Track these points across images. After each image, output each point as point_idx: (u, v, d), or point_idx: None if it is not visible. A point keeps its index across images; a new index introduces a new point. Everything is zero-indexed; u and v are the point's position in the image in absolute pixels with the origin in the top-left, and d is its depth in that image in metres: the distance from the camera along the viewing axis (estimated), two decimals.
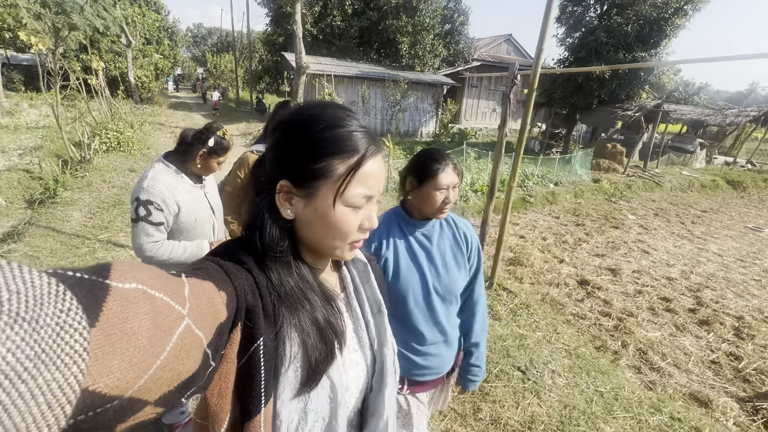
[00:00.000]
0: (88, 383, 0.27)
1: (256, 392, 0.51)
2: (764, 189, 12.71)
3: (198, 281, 0.43)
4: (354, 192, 0.55)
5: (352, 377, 0.64)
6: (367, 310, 0.69)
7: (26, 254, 3.25)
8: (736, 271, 5.80)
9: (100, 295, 0.29)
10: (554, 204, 8.56)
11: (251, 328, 0.50)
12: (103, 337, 0.28)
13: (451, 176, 1.21)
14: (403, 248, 1.25)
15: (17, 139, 8.83)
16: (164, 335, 0.33)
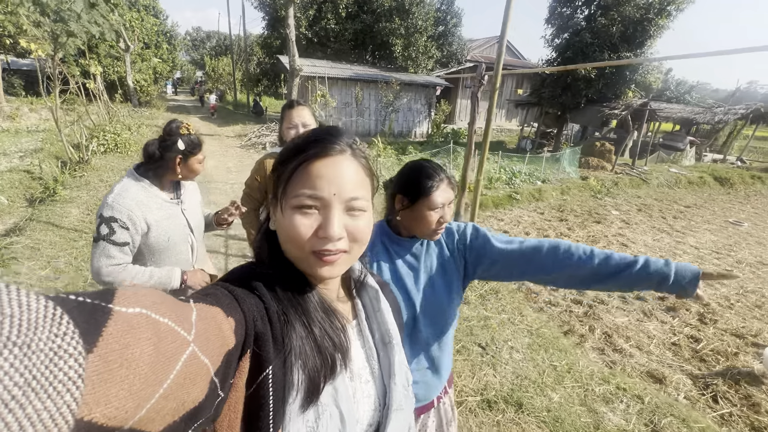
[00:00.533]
0: (83, 413, 0.25)
1: (264, 423, 0.49)
2: (751, 185, 12.93)
3: (206, 306, 0.42)
4: (297, 191, 0.54)
5: (364, 409, 0.62)
6: (377, 340, 0.68)
7: (27, 246, 3.50)
8: (711, 262, 6.03)
9: (100, 319, 0.28)
10: (540, 201, 8.80)
11: (260, 356, 0.49)
12: (101, 363, 0.27)
13: (446, 193, 1.11)
14: (386, 269, 1.15)
15: (18, 142, 9.10)
16: (167, 362, 0.32)
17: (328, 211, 0.54)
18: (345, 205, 0.55)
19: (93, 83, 8.50)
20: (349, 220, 0.56)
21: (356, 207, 0.56)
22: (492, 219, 7.34)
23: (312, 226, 0.54)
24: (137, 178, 1.45)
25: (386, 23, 15.82)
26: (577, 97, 11.61)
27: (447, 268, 1.20)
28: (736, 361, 3.57)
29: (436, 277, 1.18)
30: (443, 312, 1.19)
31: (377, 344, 0.67)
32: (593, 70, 10.44)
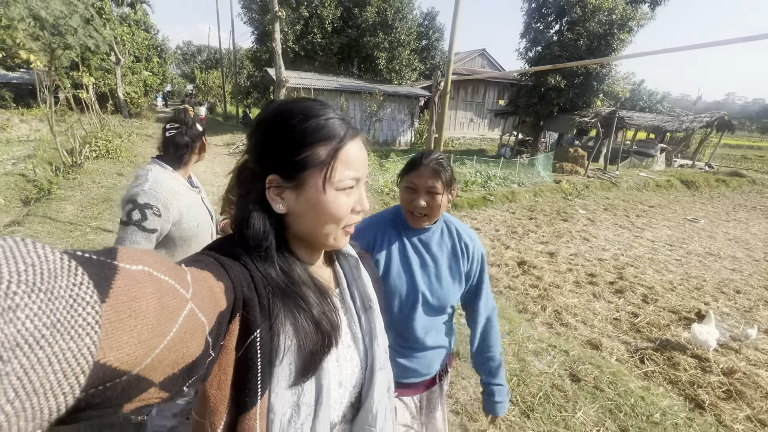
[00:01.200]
0: (99, 356, 0.27)
1: (253, 384, 0.51)
2: (716, 188, 13.69)
3: (197, 270, 0.44)
4: (342, 175, 0.57)
5: (347, 373, 0.65)
6: (359, 306, 0.70)
7: (26, 234, 3.84)
8: (663, 253, 6.55)
9: (108, 273, 0.30)
10: (513, 202, 9.32)
11: (248, 320, 0.51)
12: (113, 312, 0.29)
13: (424, 178, 1.14)
14: (396, 251, 1.21)
15: (9, 151, 9.36)
16: (171, 316, 0.34)
17: (361, 188, 0.61)
18: (365, 180, 0.62)
19: (85, 93, 8.88)
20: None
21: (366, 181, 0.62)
22: (466, 218, 7.80)
23: (350, 204, 0.59)
24: (165, 167, 1.48)
25: (371, 37, 16.56)
26: (549, 106, 12.31)
27: (453, 263, 1.25)
28: (668, 332, 4.02)
29: (442, 267, 1.23)
30: (444, 299, 1.23)
31: (358, 310, 0.70)
32: (563, 80, 11.15)
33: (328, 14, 16.51)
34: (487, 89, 21.21)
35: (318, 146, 0.56)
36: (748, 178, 15.26)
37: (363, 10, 16.46)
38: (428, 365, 1.28)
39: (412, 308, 1.21)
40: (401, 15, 16.86)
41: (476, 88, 21.18)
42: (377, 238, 1.21)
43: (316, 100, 0.61)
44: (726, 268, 6.07)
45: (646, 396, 2.76)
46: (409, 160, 1.19)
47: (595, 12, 10.84)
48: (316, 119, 0.57)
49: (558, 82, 11.23)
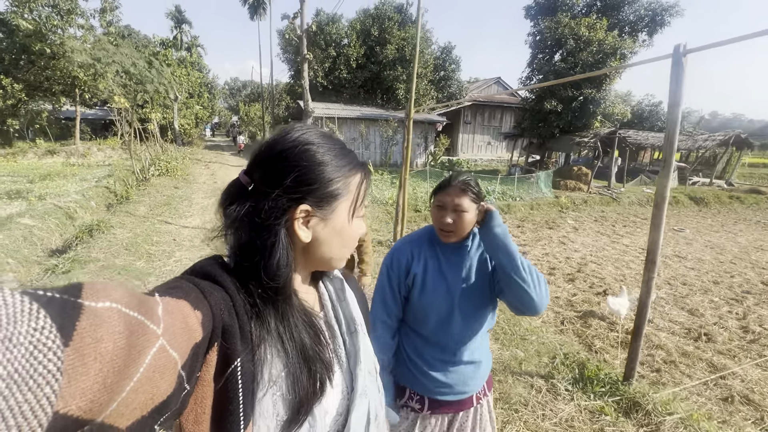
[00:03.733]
0: (60, 406, 0.25)
1: (235, 417, 0.48)
2: (728, 204, 13.80)
3: (172, 300, 0.42)
4: (362, 204, 0.62)
5: (332, 398, 0.62)
6: (344, 329, 0.69)
7: (117, 223, 5.50)
8: (630, 254, 7.31)
9: (72, 314, 0.28)
10: (508, 213, 10.29)
11: (228, 349, 0.48)
12: (77, 356, 0.27)
13: (452, 196, 1.19)
14: (432, 265, 1.26)
15: (92, 172, 11.69)
16: (138, 355, 0.32)
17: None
18: None
19: (152, 126, 11.10)
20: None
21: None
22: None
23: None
24: None
25: (390, 71, 18.46)
26: (551, 128, 13.29)
27: (485, 274, 1.27)
28: (596, 307, 4.93)
29: (475, 279, 1.25)
30: (477, 310, 1.25)
31: (344, 333, 0.68)
32: (559, 104, 12.18)
33: (353, 53, 18.68)
34: (504, 114, 22.37)
35: (349, 177, 0.60)
36: (767, 195, 15.13)
37: (384, 48, 18.51)
38: (464, 381, 1.27)
39: (447, 320, 1.24)
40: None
41: (493, 113, 22.41)
42: (414, 254, 1.28)
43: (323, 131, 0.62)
44: (686, 267, 6.76)
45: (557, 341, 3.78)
46: (439, 182, 1.26)
47: (587, 44, 11.93)
48: (341, 151, 0.60)
49: (554, 107, 12.27)
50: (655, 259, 2.55)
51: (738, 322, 4.63)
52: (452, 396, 1.27)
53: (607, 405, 2.52)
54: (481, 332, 1.30)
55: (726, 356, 3.88)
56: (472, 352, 1.29)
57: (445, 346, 1.26)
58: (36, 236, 4.85)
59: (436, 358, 1.27)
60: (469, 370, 1.28)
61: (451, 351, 1.26)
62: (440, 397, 1.27)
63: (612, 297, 4.61)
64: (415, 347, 1.30)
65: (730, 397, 3.19)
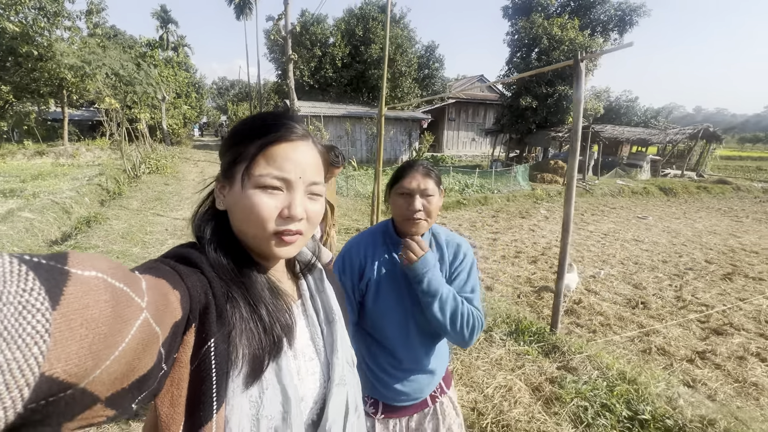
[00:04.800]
0: (46, 367, 0.26)
1: (208, 397, 0.49)
2: (695, 194, 14.59)
3: (152, 278, 0.42)
4: (263, 171, 0.55)
5: (308, 386, 0.63)
6: (322, 318, 0.69)
7: (112, 216, 5.90)
8: (593, 239, 7.91)
9: (60, 279, 0.28)
10: (485, 205, 10.86)
11: (203, 330, 0.49)
12: (64, 321, 0.27)
13: (417, 181, 1.13)
14: (385, 270, 1.19)
15: (82, 172, 11.96)
16: (124, 326, 0.33)
17: (294, 192, 0.57)
18: (306, 188, 0.59)
19: (141, 126, 11.41)
20: (308, 203, 0.59)
21: (315, 191, 0.60)
22: (438, 218, 9.45)
23: (277, 206, 0.56)
24: None
25: (375, 70, 18.92)
26: (528, 124, 13.92)
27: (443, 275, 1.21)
28: (551, 283, 5.49)
29: None
30: None
31: (321, 322, 0.69)
32: (534, 101, 12.80)
33: (338, 52, 19.11)
34: (487, 111, 23.00)
35: (249, 143, 0.56)
36: (733, 185, 15.99)
37: (368, 47, 18.97)
38: (420, 389, 1.24)
39: (404, 328, 1.19)
40: (402, 50, 19.22)
41: (476, 110, 23.02)
42: (367, 257, 1.20)
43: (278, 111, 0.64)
44: (641, 249, 7.38)
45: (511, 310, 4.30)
46: (396, 170, 1.19)
47: (560, 43, 12.54)
48: (257, 122, 0.58)
49: (530, 103, 12.89)
50: (568, 228, 3.09)
51: (674, 293, 5.23)
52: (408, 402, 1.24)
53: (531, 348, 3.06)
54: (436, 338, 1.26)
55: (655, 319, 4.46)
56: (430, 360, 1.25)
57: (401, 356, 1.21)
58: (36, 228, 5.25)
59: (393, 366, 1.21)
60: (426, 379, 1.25)
61: (408, 360, 1.21)
62: (395, 403, 1.23)
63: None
64: (371, 353, 1.24)
65: (649, 349, 3.76)
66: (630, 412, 2.36)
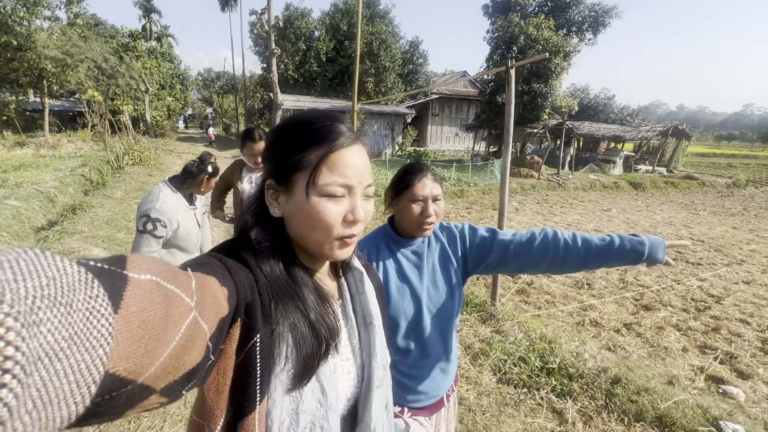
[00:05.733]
0: (109, 366, 0.29)
1: (252, 389, 0.51)
2: (663, 189, 15.37)
3: (203, 275, 0.45)
4: (327, 180, 0.56)
5: (343, 385, 0.65)
6: (360, 321, 0.70)
7: (97, 204, 6.17)
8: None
9: (120, 284, 0.31)
10: (461, 198, 11.35)
11: (249, 325, 0.51)
12: (124, 323, 0.30)
13: (428, 187, 1.15)
14: (392, 269, 1.20)
15: (64, 163, 12.02)
16: (175, 325, 0.36)
17: (355, 197, 0.59)
18: (363, 191, 0.60)
19: (124, 117, 11.52)
20: (365, 205, 0.61)
21: (369, 193, 0.62)
22: None
23: (341, 212, 0.57)
24: (173, 190, 1.95)
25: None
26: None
27: (448, 266, 1.24)
28: None
29: (439, 275, 1.23)
30: (446, 308, 1.23)
31: (359, 324, 0.70)
32: None
33: (323, 47, 19.31)
34: (470, 107, 23.48)
35: (308, 150, 0.56)
36: (699, 181, 16.85)
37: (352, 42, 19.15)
38: (437, 386, 1.26)
39: (418, 324, 1.20)
40: (386, 45, 19.51)
41: (460, 106, 23.49)
42: (371, 260, 1.19)
43: (324, 111, 0.63)
44: None
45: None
46: (401, 176, 1.19)
47: (535, 42, 13.04)
48: (312, 125, 0.58)
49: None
50: (503, 213, 3.54)
51: (618, 276, 5.78)
52: (427, 401, 1.25)
53: (471, 317, 3.52)
54: (452, 330, 1.28)
55: (596, 297, 4.98)
56: (446, 354, 1.26)
57: (418, 353, 1.22)
58: (23, 215, 5.50)
59: (411, 365, 1.22)
60: (442, 374, 1.26)
61: (424, 356, 1.23)
62: (415, 405, 1.24)
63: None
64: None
65: (583, 321, 4.27)
66: (541, 363, 2.83)
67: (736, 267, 6.42)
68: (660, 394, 2.53)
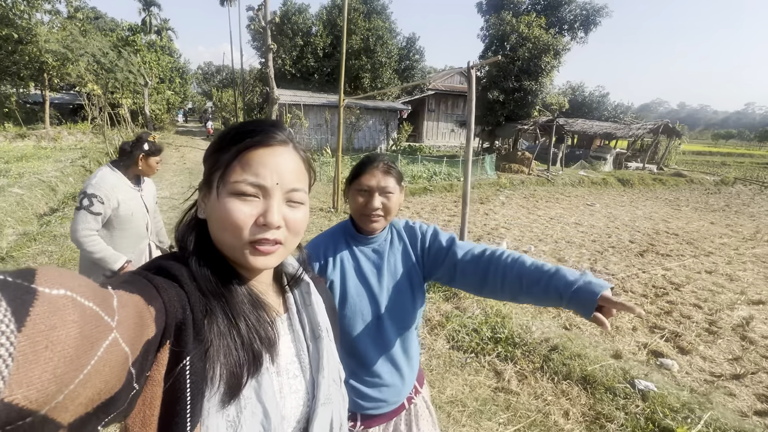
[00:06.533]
0: (5, 394, 0.24)
1: (181, 417, 0.47)
2: (650, 185, 15.69)
3: (126, 294, 0.41)
4: (238, 178, 0.53)
5: (291, 405, 0.61)
6: (308, 334, 0.67)
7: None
8: (539, 222, 8.79)
9: (26, 299, 0.27)
10: (450, 192, 11.67)
11: (179, 347, 0.47)
12: (29, 343, 0.26)
13: (375, 177, 1.10)
14: (350, 268, 1.14)
15: (64, 155, 12.33)
16: (90, 347, 0.31)
17: (270, 199, 0.55)
18: (285, 195, 0.56)
19: (123, 111, 11.80)
20: (288, 211, 0.57)
21: (295, 199, 0.58)
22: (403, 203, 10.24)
23: (252, 214, 0.54)
24: (112, 169, 2.00)
25: (356, 61, 19.42)
26: (497, 116, 14.74)
27: (410, 267, 1.19)
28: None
29: (400, 276, 1.17)
30: (407, 311, 1.18)
31: (308, 338, 0.67)
32: (500, 94, 13.61)
33: (320, 42, 19.53)
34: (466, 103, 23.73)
35: (226, 150, 0.55)
36: (687, 178, 17.17)
37: (349, 38, 19.39)
38: (397, 392, 1.20)
39: (376, 328, 1.14)
40: (382, 41, 19.74)
41: (456, 102, 23.74)
42: (329, 256, 1.14)
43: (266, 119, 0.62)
44: (578, 230, 8.28)
45: None
46: (355, 165, 1.15)
47: (526, 40, 13.31)
48: (241, 127, 0.57)
49: (497, 97, 13.70)
50: (467, 201, 3.88)
51: (588, 265, 6.12)
52: (386, 408, 1.20)
53: (437, 295, 3.87)
54: (412, 333, 1.24)
55: None
56: (405, 361, 1.22)
57: (375, 361, 1.16)
58: (26, 202, 5.83)
59: (368, 373, 1.16)
60: (402, 381, 1.21)
61: (382, 364, 1.17)
62: (373, 411, 1.18)
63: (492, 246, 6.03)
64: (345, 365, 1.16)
65: None
66: (492, 334, 3.18)
67: (703, 258, 6.77)
68: (591, 359, 2.88)
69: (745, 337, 4.06)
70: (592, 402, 2.51)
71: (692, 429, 2.24)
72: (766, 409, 2.93)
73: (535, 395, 2.57)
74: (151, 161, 2.05)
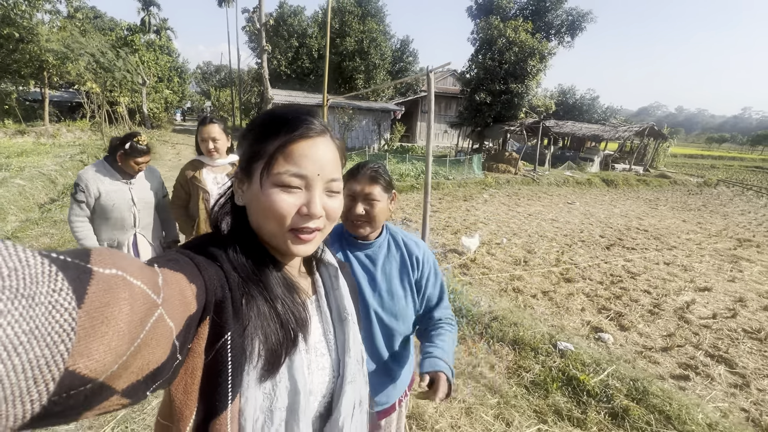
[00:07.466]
0: (70, 363, 0.27)
1: (223, 388, 0.51)
2: (634, 186, 16.15)
3: (170, 272, 0.44)
4: (281, 169, 0.55)
5: (318, 381, 0.65)
6: (335, 316, 0.71)
7: None
8: (517, 219, 9.21)
9: (84, 278, 0.30)
10: (437, 190, 12.09)
11: (219, 323, 0.51)
12: (87, 319, 0.29)
13: (361, 184, 1.12)
14: None
15: (63, 151, 12.71)
16: (140, 322, 0.34)
17: (312, 190, 0.57)
18: (325, 185, 0.59)
19: (121, 109, 12.19)
20: (327, 200, 0.60)
21: (334, 189, 0.60)
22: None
23: (295, 204, 0.56)
24: (102, 162, 2.18)
25: (350, 62, 19.88)
26: (485, 118, 15.19)
27: (405, 275, 1.21)
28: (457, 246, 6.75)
29: (395, 283, 1.19)
30: (401, 317, 1.19)
31: (334, 320, 0.71)
32: (488, 96, 14.06)
33: (314, 44, 19.98)
34: (458, 104, 24.18)
35: (269, 139, 0.56)
36: (671, 179, 17.65)
37: (343, 40, 19.90)
38: (389, 395, 1.23)
39: (367, 335, 1.16)
40: (376, 44, 20.22)
41: (448, 104, 24.20)
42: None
43: (300, 106, 0.63)
44: (553, 226, 8.70)
45: None
46: (348, 170, 1.15)
47: (512, 44, 13.77)
48: (279, 117, 0.58)
49: (483, 99, 14.15)
50: (428, 199, 4.29)
51: (555, 257, 6.54)
52: (376, 408, 1.23)
53: None
54: (406, 339, 1.24)
55: (528, 272, 5.74)
56: (398, 367, 1.23)
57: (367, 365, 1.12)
58: (28, 192, 6.23)
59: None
60: (392, 383, 1.23)
61: (374, 369, 1.18)
62: None
63: (465, 237, 6.45)
64: None
65: (507, 288, 5.03)
66: None
67: (665, 252, 7.20)
68: (525, 327, 3.30)
69: (683, 317, 4.48)
70: (517, 359, 2.93)
71: (595, 378, 2.65)
72: (682, 373, 3.36)
73: (470, 353, 2.99)
74: (129, 162, 2.13)
